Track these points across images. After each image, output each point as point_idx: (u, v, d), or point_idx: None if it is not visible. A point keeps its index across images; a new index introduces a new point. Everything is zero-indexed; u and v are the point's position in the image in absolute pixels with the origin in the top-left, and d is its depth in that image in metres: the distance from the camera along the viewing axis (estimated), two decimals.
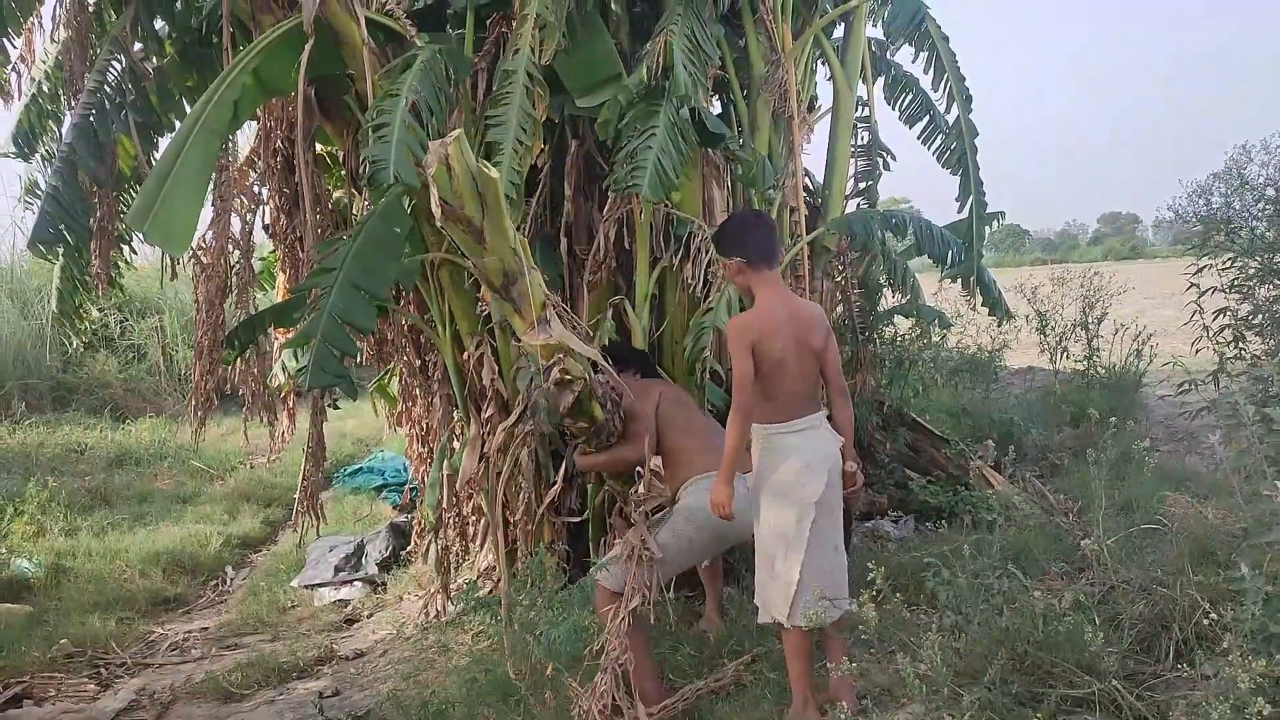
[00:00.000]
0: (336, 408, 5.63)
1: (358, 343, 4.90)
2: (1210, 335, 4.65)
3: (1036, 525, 4.53)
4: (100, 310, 8.12)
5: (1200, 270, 4.80)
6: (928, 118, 6.97)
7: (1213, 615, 3.27)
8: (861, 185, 6.24)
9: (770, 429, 3.42)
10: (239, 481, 9.89)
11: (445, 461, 5.39)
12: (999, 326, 6.06)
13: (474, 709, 4.08)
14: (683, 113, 4.40)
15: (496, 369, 5.04)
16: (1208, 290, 4.70)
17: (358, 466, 10.05)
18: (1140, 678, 3.19)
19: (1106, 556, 3.39)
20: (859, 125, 6.05)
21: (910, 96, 6.99)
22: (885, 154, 6.27)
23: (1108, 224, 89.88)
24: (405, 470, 9.17)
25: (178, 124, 5.45)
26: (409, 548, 7.18)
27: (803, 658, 3.37)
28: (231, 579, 7.46)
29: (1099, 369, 6.60)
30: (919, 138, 7.05)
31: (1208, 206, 4.96)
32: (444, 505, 5.43)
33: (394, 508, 8.73)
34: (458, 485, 5.29)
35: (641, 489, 3.84)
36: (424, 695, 4.45)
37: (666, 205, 4.82)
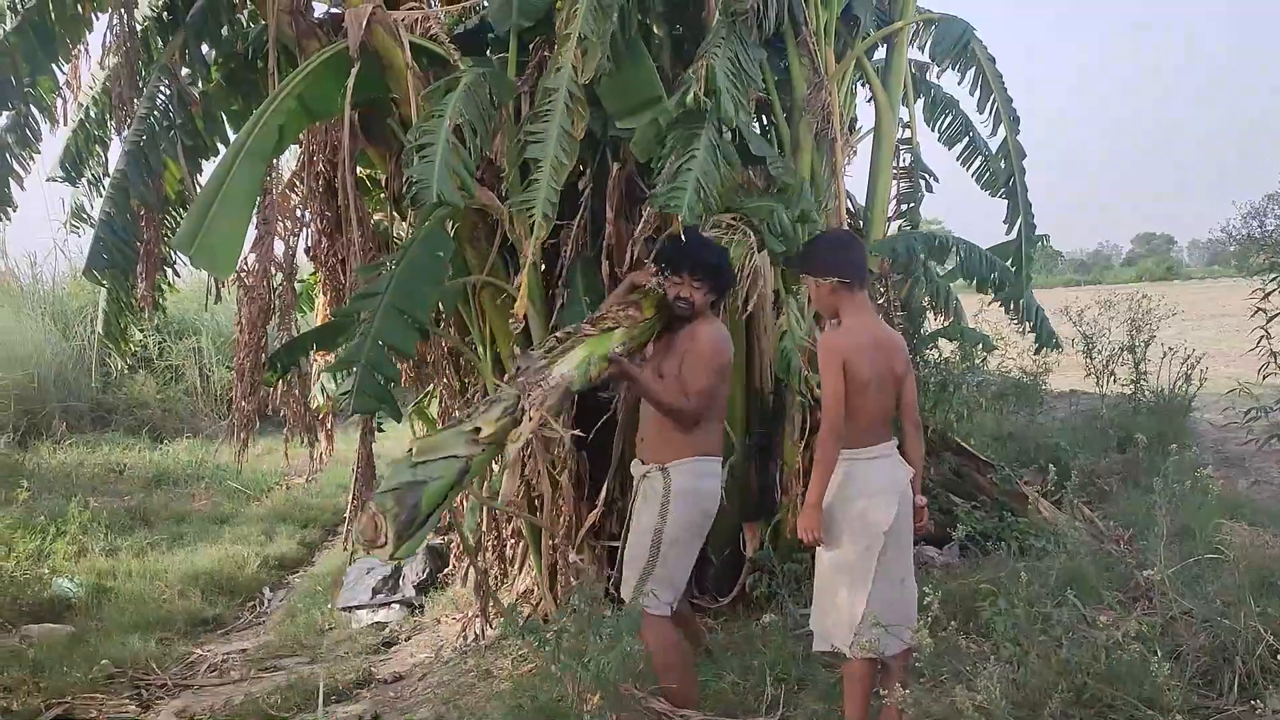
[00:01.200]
0: (382, 430, 5.63)
1: (399, 366, 4.91)
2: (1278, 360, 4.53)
3: (1088, 553, 4.44)
4: (142, 332, 8.19)
5: (1268, 295, 4.69)
6: (967, 139, 6.93)
7: (1278, 648, 3.19)
8: (903, 207, 6.20)
9: (847, 453, 3.35)
10: (276, 503, 9.95)
11: (485, 484, 5.37)
12: (1037, 355, 5.95)
13: None
14: (724, 134, 4.39)
15: None
16: (1276, 315, 4.59)
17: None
18: (1203, 712, 3.12)
19: (1167, 586, 3.29)
20: (900, 147, 6.02)
21: (950, 118, 6.96)
22: (927, 175, 6.22)
23: (1141, 245, 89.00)
24: None
25: (222, 148, 5.51)
26: (446, 570, 7.17)
27: (864, 689, 3.30)
28: (269, 600, 7.47)
29: (1146, 393, 6.50)
30: (958, 159, 7.01)
31: (1261, 228, 4.87)
32: (483, 528, 5.41)
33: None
34: (498, 508, 5.27)
35: None
36: None
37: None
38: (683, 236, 4.02)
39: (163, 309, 5.83)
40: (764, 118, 5.64)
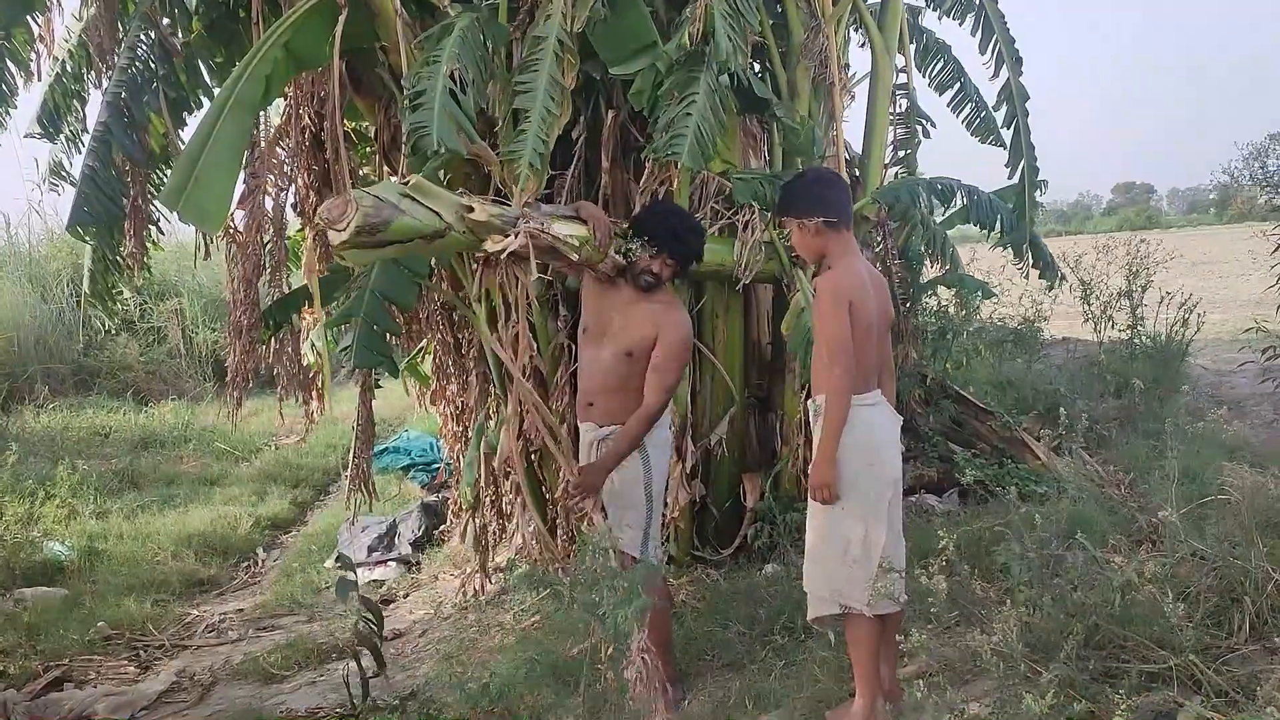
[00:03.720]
0: (380, 386, 5.56)
1: (398, 320, 4.84)
2: None
3: (1089, 498, 4.44)
4: (129, 292, 8.07)
5: None
6: (958, 85, 6.85)
7: None
8: (900, 153, 6.13)
9: (853, 400, 3.18)
10: (265, 463, 9.87)
11: (482, 440, 5.32)
12: (1049, 291, 5.90)
13: (532, 689, 4.04)
14: (722, 79, 4.29)
15: (535, 346, 4.97)
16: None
17: (384, 446, 9.99)
18: (1215, 651, 3.12)
19: (1179, 527, 3.29)
20: (897, 92, 5.93)
21: (942, 63, 6.87)
22: (924, 121, 6.14)
23: (1121, 194, 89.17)
24: (432, 449, 9.13)
25: (205, 101, 5.37)
26: (441, 527, 7.14)
27: (873, 649, 3.19)
28: (263, 560, 7.43)
29: (1143, 338, 6.49)
30: (948, 105, 6.94)
31: (1263, 169, 4.82)
32: (482, 484, 5.37)
33: (423, 487, 8.69)
34: (495, 463, 5.23)
35: None
36: (476, 676, 4.40)
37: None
38: (661, 212, 4.04)
39: (148, 268, 5.71)
40: (760, 63, 5.53)
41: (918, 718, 2.78)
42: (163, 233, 5.84)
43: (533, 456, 5.32)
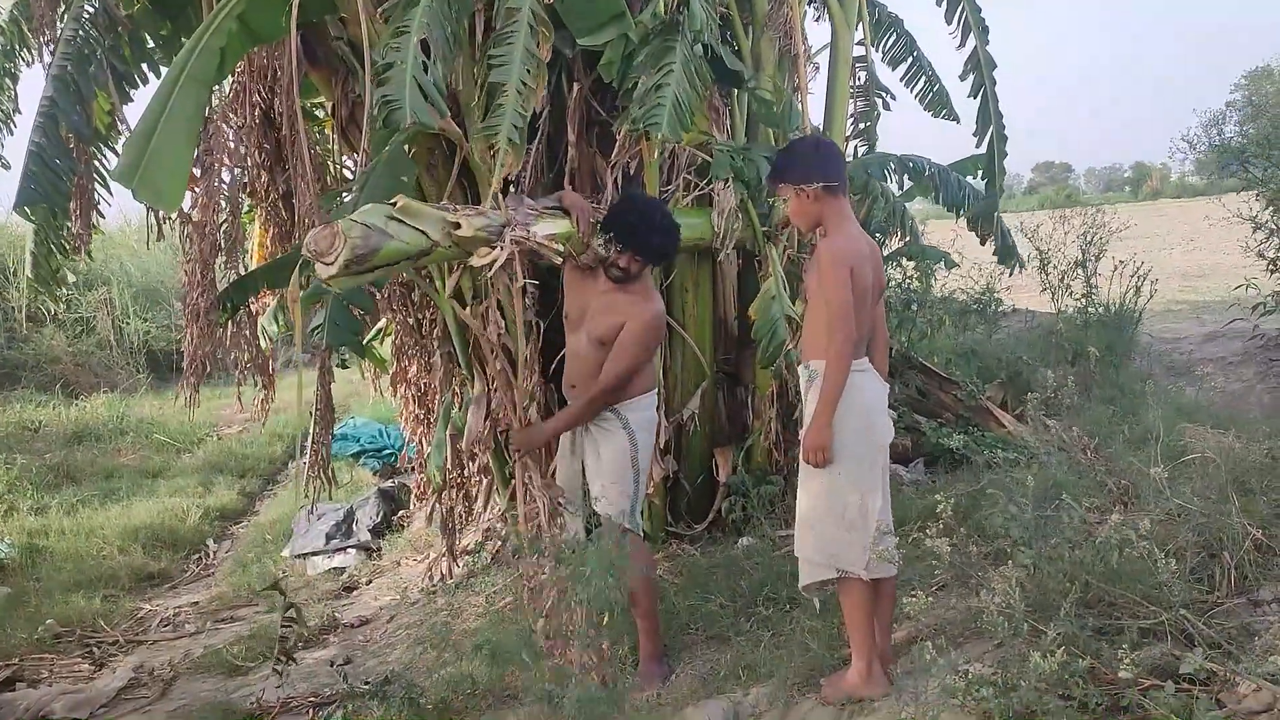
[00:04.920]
0: (345, 366, 5.43)
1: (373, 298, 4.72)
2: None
3: (1059, 463, 4.51)
4: (77, 276, 7.78)
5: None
6: (911, 58, 6.89)
7: (1264, 539, 3.28)
8: (860, 126, 6.14)
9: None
10: (209, 454, 9.63)
11: (449, 421, 5.23)
12: (1010, 276, 6.01)
13: (504, 668, 4.01)
14: (696, 49, 4.24)
15: (503, 324, 4.88)
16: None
17: (331, 433, 9.82)
18: (1201, 606, 3.18)
19: (1164, 484, 3.35)
20: (856, 65, 5.93)
21: (894, 37, 6.89)
22: (884, 94, 6.16)
23: (1041, 174, 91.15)
24: (382, 435, 8.98)
25: (152, 77, 5.18)
26: (400, 513, 7.04)
27: (869, 612, 3.20)
28: (214, 552, 7.24)
29: (1097, 307, 6.63)
30: (901, 79, 6.97)
31: (1220, 135, 4.93)
32: (448, 465, 5.28)
33: (374, 474, 8.56)
34: (463, 445, 5.14)
35: None
36: (451, 659, 4.34)
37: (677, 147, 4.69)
38: (626, 211, 3.95)
39: (89, 252, 5.48)
40: (723, 35, 5.49)
41: (924, 678, 2.79)
42: (102, 215, 5.62)
43: (500, 437, 5.25)
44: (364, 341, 6.50)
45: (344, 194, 4.51)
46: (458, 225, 3.49)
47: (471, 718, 3.99)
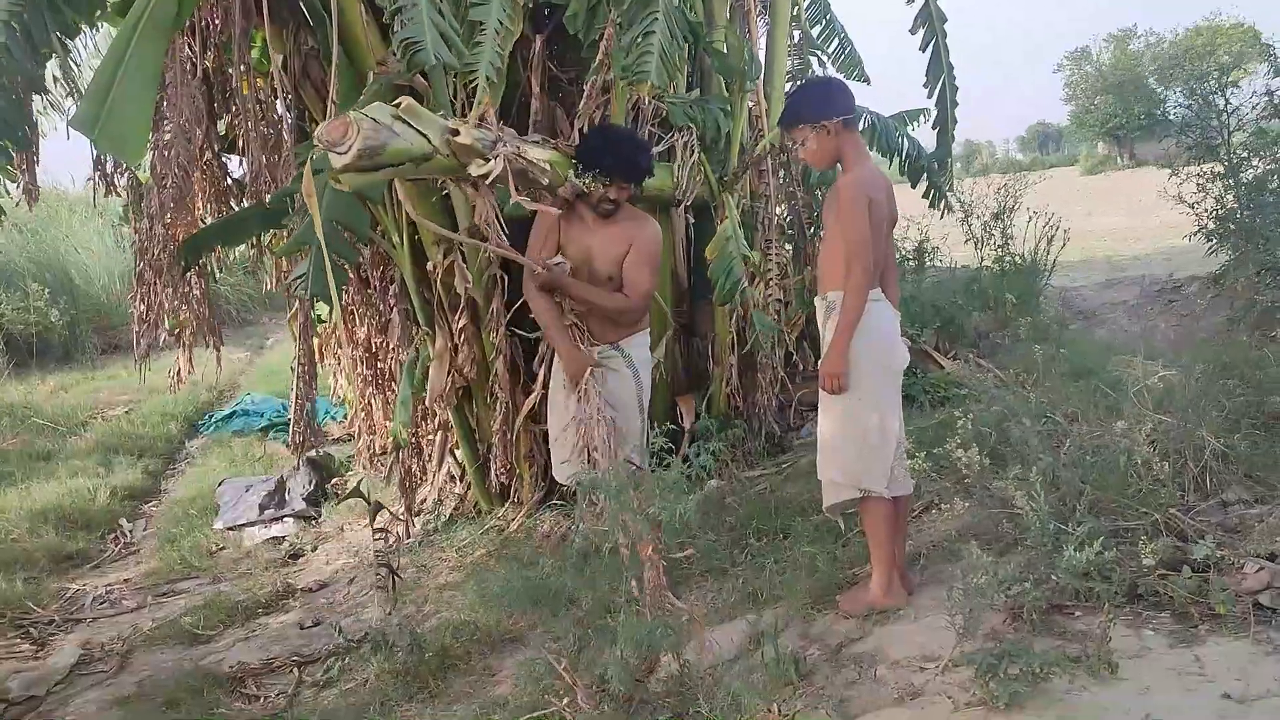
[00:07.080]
0: (322, 321, 5.30)
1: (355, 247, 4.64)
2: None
3: (1002, 396, 4.83)
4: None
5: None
6: (824, 21, 7.15)
7: (1223, 449, 3.63)
8: (798, 83, 6.33)
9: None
10: (99, 435, 9.14)
11: (412, 379, 5.19)
12: (940, 217, 6.36)
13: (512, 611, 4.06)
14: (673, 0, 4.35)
15: (469, 277, 4.88)
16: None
17: (229, 411, 9.53)
18: (1181, 508, 3.51)
19: (1147, 400, 3.66)
20: (791, 24, 6.12)
21: (809, 2, 7.14)
22: (817, 52, 6.38)
23: (964, 145, 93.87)
24: (285, 409, 8.75)
25: (104, 26, 4.93)
26: (334, 480, 6.92)
27: (890, 531, 3.36)
28: (130, 530, 6.94)
29: (1014, 258, 7.09)
30: (815, 39, 7.23)
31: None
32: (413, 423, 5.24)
33: (286, 446, 8.33)
34: (428, 401, 5.12)
35: None
36: (434, 612, 4.35)
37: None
38: (600, 140, 4.11)
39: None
40: None
41: (949, 583, 2.98)
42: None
43: (459, 394, 5.25)
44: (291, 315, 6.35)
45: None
46: (456, 132, 3.54)
47: (477, 661, 4.02)
